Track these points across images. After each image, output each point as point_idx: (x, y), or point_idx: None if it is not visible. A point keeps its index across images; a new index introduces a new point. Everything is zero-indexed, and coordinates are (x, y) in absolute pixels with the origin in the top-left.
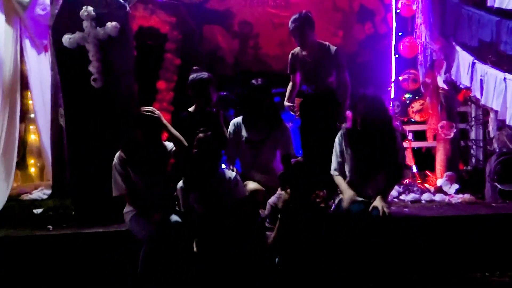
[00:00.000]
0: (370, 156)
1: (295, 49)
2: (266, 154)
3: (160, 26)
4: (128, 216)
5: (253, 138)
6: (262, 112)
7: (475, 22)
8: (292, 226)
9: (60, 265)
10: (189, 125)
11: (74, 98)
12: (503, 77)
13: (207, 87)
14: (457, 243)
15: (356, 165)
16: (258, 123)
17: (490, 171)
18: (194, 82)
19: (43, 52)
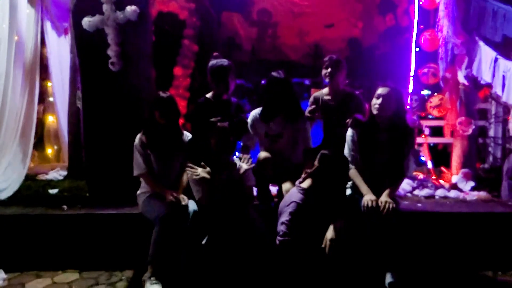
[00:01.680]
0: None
1: (316, 93)
2: (285, 146)
3: (179, 12)
4: (141, 198)
5: (272, 132)
6: (282, 105)
7: (500, 17)
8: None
9: (73, 244)
10: (206, 111)
11: (92, 81)
12: None
13: (227, 74)
14: (470, 240)
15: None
16: (278, 116)
17: (508, 169)
18: (214, 68)
19: (63, 35)
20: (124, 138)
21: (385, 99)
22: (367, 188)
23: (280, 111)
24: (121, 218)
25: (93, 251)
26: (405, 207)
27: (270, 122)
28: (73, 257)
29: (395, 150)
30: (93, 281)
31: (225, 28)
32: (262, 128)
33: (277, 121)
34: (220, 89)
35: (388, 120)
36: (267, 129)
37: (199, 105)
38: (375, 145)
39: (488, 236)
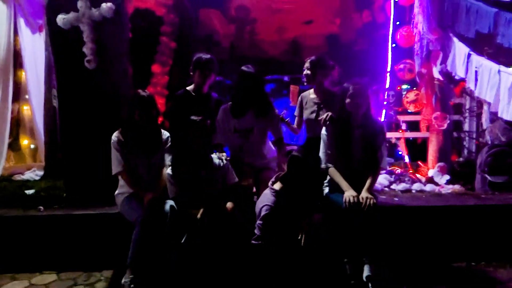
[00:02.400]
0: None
1: (304, 93)
2: (255, 140)
3: (156, 9)
4: (120, 198)
5: (241, 127)
6: (252, 99)
7: (473, 13)
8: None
9: (50, 246)
10: (185, 104)
11: (68, 79)
12: (497, 69)
13: (212, 69)
14: (445, 232)
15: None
16: (247, 111)
17: (481, 163)
18: (200, 61)
19: (37, 32)
20: (101, 137)
21: (358, 98)
22: (347, 184)
23: (251, 105)
24: (99, 218)
25: (71, 252)
26: (382, 201)
27: (240, 116)
28: (50, 258)
29: (368, 144)
30: (71, 282)
31: (203, 25)
32: (231, 123)
33: (247, 116)
34: (201, 83)
35: (361, 117)
36: (236, 125)
37: (178, 97)
38: (350, 141)
39: (462, 228)
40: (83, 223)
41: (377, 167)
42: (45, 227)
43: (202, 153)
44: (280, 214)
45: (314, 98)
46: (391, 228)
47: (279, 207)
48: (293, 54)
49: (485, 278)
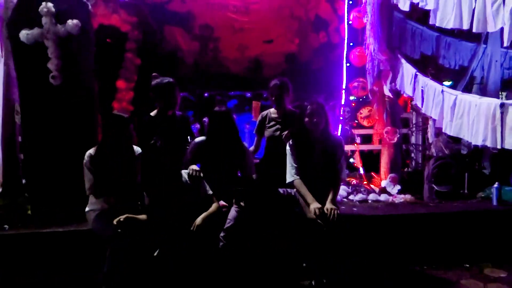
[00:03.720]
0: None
1: (264, 112)
2: (226, 176)
3: (120, 25)
4: (91, 216)
5: (215, 161)
6: (223, 138)
7: (418, 36)
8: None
9: (18, 266)
10: (151, 129)
11: (32, 95)
12: (441, 89)
13: (173, 91)
14: (400, 239)
15: (303, 171)
16: (219, 148)
17: (428, 174)
18: (160, 86)
19: None
20: (66, 154)
21: (316, 116)
22: (312, 197)
23: (222, 143)
24: (68, 236)
25: (40, 271)
26: (343, 211)
27: (213, 152)
28: (18, 278)
29: (328, 158)
30: None
31: (167, 42)
32: (205, 157)
33: (219, 152)
34: (166, 106)
35: (320, 133)
36: (209, 159)
37: (143, 123)
38: (311, 156)
39: (415, 234)
40: (51, 241)
41: (338, 179)
42: (11, 247)
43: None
44: (242, 227)
45: (276, 117)
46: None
47: (241, 220)
48: (254, 71)
49: (437, 279)
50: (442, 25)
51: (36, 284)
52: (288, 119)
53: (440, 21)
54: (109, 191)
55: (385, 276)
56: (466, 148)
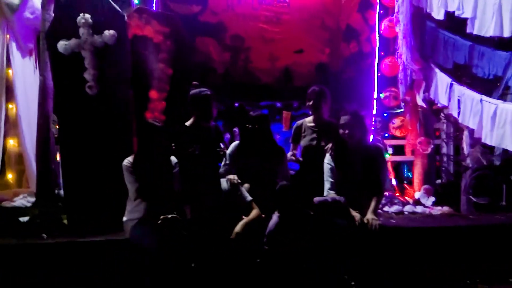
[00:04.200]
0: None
1: (299, 121)
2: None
3: (153, 36)
4: (129, 225)
5: (249, 166)
6: (259, 142)
7: (451, 46)
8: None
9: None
10: (185, 139)
11: (68, 104)
12: (479, 98)
13: (210, 104)
14: (440, 252)
15: (344, 182)
16: (255, 153)
17: (466, 185)
18: (197, 97)
19: (27, 56)
20: (103, 163)
21: (349, 128)
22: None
23: (258, 147)
24: (106, 245)
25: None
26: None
27: (249, 156)
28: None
29: (368, 169)
30: None
31: (199, 52)
32: (242, 162)
33: (255, 156)
34: (202, 117)
35: (357, 143)
36: (245, 164)
37: (177, 133)
38: (350, 167)
39: (455, 247)
40: (90, 250)
41: (380, 190)
42: (50, 256)
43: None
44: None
45: (312, 126)
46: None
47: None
48: (285, 81)
49: None
50: (480, 33)
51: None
52: (325, 129)
53: (478, 29)
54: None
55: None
56: (499, 159)
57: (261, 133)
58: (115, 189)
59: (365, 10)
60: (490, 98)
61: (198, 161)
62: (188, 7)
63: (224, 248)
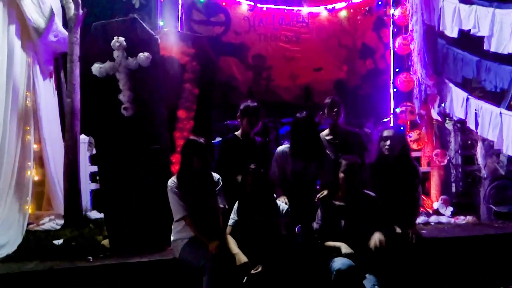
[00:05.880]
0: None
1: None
2: (306, 183)
3: (179, 57)
4: (179, 244)
5: (298, 168)
6: (306, 143)
7: (459, 61)
8: None
9: None
10: (234, 147)
11: (105, 126)
12: (498, 112)
13: (260, 116)
14: (474, 260)
15: (384, 194)
16: (302, 154)
17: (485, 195)
18: (249, 110)
19: (47, 78)
20: (142, 183)
21: (392, 141)
22: None
23: (305, 148)
24: (154, 266)
25: None
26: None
27: (296, 158)
28: None
29: (405, 184)
30: None
31: (223, 72)
32: (289, 164)
33: (302, 157)
34: (249, 128)
35: (395, 158)
36: (293, 166)
37: (227, 141)
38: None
39: (487, 255)
40: (138, 271)
41: (417, 202)
42: (97, 279)
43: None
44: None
45: (330, 139)
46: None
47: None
48: (305, 98)
49: None
50: (498, 50)
51: None
52: (343, 138)
53: (496, 47)
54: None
55: None
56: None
57: (310, 133)
58: (155, 209)
59: (379, 28)
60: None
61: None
62: (211, 28)
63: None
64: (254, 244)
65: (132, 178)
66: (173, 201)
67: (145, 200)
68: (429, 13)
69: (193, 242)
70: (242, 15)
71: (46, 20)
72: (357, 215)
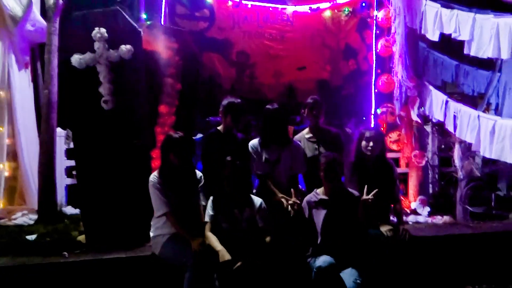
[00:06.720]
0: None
1: (297, 136)
2: (281, 171)
3: (162, 51)
4: (159, 241)
5: (270, 158)
6: (275, 133)
7: (440, 65)
8: None
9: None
10: (216, 143)
11: (84, 119)
12: (477, 115)
13: (242, 112)
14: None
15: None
16: (272, 145)
17: (461, 195)
18: (234, 105)
19: (23, 68)
20: (121, 178)
21: (375, 142)
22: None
23: (275, 139)
24: (131, 262)
25: None
26: None
27: (268, 149)
28: None
29: (384, 182)
30: None
31: (206, 68)
32: (262, 155)
33: (272, 148)
34: (232, 125)
35: (374, 158)
36: (266, 156)
37: (209, 136)
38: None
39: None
40: (114, 267)
41: (398, 199)
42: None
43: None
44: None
45: (310, 137)
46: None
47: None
48: (288, 96)
49: None
50: (478, 55)
51: None
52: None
53: (476, 51)
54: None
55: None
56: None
57: (280, 125)
58: (133, 205)
59: (363, 30)
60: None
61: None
62: (195, 23)
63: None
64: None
65: (111, 173)
66: (154, 196)
67: (123, 195)
68: (411, 16)
69: (174, 239)
70: (226, 11)
71: (23, 8)
72: (339, 210)
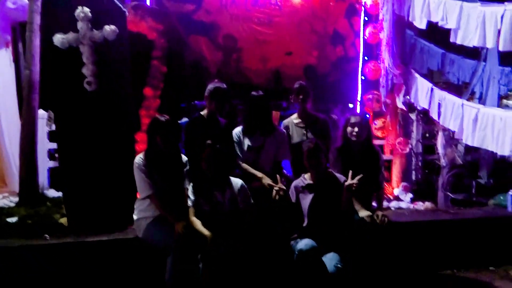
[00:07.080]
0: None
1: (285, 120)
2: (265, 158)
3: (147, 33)
4: (142, 223)
5: (254, 145)
6: (260, 121)
7: (426, 53)
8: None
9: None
10: (199, 128)
11: (67, 101)
12: (461, 103)
13: (227, 98)
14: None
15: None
16: (256, 131)
17: (443, 182)
18: (218, 92)
19: (4, 47)
20: (104, 161)
21: (360, 127)
22: (360, 205)
23: (258, 126)
24: (114, 244)
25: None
26: None
27: (251, 136)
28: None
29: (369, 168)
30: None
31: (192, 51)
32: (246, 142)
33: (256, 135)
34: (216, 110)
35: (360, 144)
36: (250, 143)
37: (193, 121)
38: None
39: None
40: (97, 250)
41: (380, 186)
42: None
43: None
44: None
45: (299, 123)
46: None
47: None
48: (275, 82)
49: (472, 281)
50: (464, 43)
51: None
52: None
53: (462, 39)
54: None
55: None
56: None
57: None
58: (116, 187)
59: (351, 16)
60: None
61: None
62: (182, 5)
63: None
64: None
65: (94, 156)
66: (139, 178)
67: (106, 178)
68: (399, 4)
69: (158, 222)
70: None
71: None
72: (325, 195)
